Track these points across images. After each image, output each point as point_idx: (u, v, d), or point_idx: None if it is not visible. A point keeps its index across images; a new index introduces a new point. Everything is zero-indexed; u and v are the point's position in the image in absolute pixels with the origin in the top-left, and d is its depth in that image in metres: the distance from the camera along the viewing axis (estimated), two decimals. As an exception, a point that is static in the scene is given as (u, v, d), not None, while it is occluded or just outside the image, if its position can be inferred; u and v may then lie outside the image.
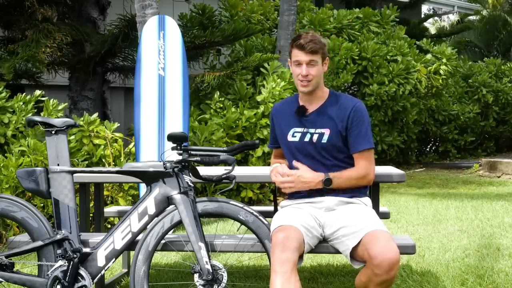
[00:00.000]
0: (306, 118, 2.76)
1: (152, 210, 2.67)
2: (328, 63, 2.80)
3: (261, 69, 7.40)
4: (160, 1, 5.65)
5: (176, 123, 4.15)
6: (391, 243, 2.36)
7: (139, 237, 2.70)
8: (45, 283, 2.63)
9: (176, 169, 2.66)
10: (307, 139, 2.73)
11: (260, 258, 3.90)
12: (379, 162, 9.07)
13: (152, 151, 4.08)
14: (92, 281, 2.64)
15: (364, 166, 2.69)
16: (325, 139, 2.70)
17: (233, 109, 6.61)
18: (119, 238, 2.66)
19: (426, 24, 18.67)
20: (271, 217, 2.76)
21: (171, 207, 2.69)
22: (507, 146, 12.58)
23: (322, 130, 2.71)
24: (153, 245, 2.66)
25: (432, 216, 5.68)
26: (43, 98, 5.46)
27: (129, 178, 3.06)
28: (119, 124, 5.60)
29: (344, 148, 2.71)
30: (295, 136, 2.77)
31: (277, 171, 2.71)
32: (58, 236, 2.67)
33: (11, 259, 2.75)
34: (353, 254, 2.48)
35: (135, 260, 2.63)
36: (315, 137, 2.72)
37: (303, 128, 2.76)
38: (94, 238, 2.85)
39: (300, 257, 2.48)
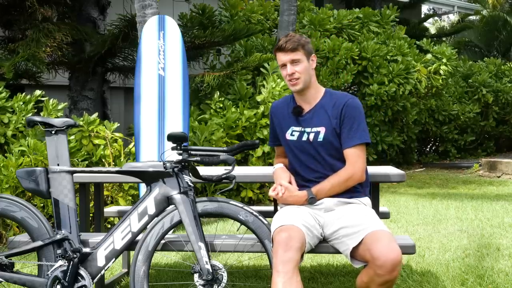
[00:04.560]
0: (303, 117, 2.77)
1: (152, 210, 2.67)
2: (316, 58, 2.80)
3: (261, 69, 7.39)
4: (160, 1, 5.65)
5: (176, 123, 4.15)
6: (393, 243, 2.36)
7: (139, 237, 2.70)
8: (45, 283, 2.63)
9: (176, 169, 2.66)
10: (304, 138, 2.74)
11: (260, 258, 3.89)
12: (379, 162, 9.17)
13: (152, 151, 4.08)
14: (92, 281, 2.64)
15: (350, 166, 2.67)
16: (321, 137, 2.71)
17: (233, 109, 6.61)
18: (119, 238, 2.66)
19: (426, 24, 18.68)
20: (271, 217, 2.76)
21: (171, 207, 2.69)
22: (507, 146, 12.58)
23: (318, 129, 2.72)
24: (153, 245, 2.66)
25: (432, 216, 5.68)
26: (43, 98, 5.46)
27: (129, 178, 3.06)
28: (119, 124, 5.60)
29: (340, 144, 2.71)
30: (294, 135, 2.78)
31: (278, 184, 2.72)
32: (58, 236, 2.67)
33: (11, 259, 2.75)
34: (354, 254, 2.48)
35: (135, 260, 2.63)
36: (312, 136, 2.73)
37: (300, 127, 2.77)
38: (94, 238, 2.84)
39: (301, 256, 2.48)
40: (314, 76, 2.78)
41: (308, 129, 2.74)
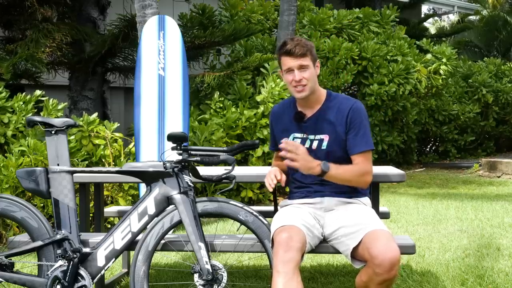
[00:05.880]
0: (305, 123, 2.73)
1: (152, 210, 2.67)
2: (320, 64, 2.75)
3: (261, 69, 7.39)
4: (160, 1, 5.65)
5: (176, 123, 4.15)
6: (391, 242, 2.36)
7: (139, 237, 2.70)
8: (45, 283, 2.63)
9: (176, 169, 2.66)
10: (307, 145, 2.69)
11: (260, 258, 3.89)
12: (379, 162, 9.16)
13: (152, 151, 4.08)
14: (92, 281, 2.64)
15: (363, 165, 2.65)
16: (324, 145, 2.68)
17: (233, 109, 6.61)
18: (119, 238, 2.66)
19: (426, 24, 18.69)
20: (271, 217, 2.76)
21: (171, 207, 2.69)
22: (507, 146, 12.59)
23: (321, 136, 2.68)
24: (153, 245, 2.66)
25: (432, 216, 5.68)
26: (43, 98, 5.46)
27: (129, 178, 3.06)
28: (119, 124, 5.60)
29: (344, 154, 2.67)
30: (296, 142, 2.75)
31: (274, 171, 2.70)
32: (58, 236, 2.67)
33: (11, 259, 2.75)
34: (354, 254, 2.48)
35: (135, 260, 2.63)
36: (315, 143, 2.69)
37: (302, 134, 2.73)
38: (94, 238, 2.85)
39: (301, 257, 2.48)
40: (317, 81, 2.74)
41: (311, 136, 2.70)
